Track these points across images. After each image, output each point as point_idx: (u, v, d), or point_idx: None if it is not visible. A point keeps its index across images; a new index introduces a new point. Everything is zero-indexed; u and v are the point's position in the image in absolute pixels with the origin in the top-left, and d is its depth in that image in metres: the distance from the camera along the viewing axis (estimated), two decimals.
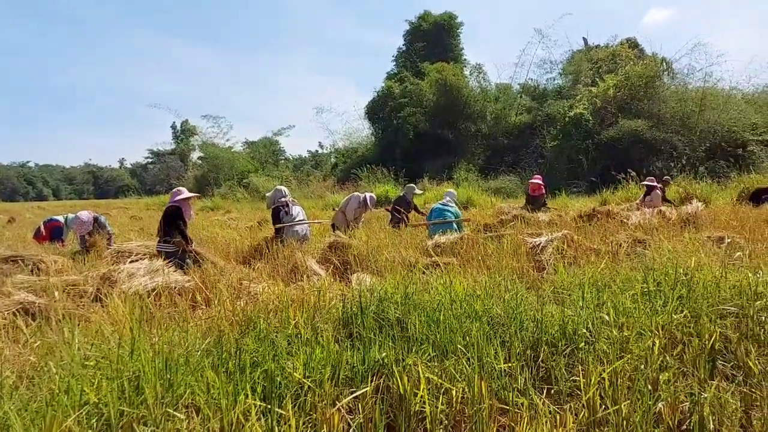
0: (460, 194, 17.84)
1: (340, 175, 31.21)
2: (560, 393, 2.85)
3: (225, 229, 10.99)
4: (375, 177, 25.48)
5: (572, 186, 21.38)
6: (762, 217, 8.54)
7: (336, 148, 39.64)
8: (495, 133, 31.15)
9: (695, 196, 13.34)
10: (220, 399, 2.43)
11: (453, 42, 37.17)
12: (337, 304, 3.61)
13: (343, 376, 2.83)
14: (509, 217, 9.32)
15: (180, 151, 56.27)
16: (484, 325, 3.25)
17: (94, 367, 2.65)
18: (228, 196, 29.01)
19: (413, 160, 29.49)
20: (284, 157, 48.27)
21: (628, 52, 28.90)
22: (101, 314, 3.95)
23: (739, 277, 4.07)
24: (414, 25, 37.50)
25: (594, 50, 32.73)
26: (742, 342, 3.29)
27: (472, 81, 33.44)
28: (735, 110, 23.35)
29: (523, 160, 27.56)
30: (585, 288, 3.88)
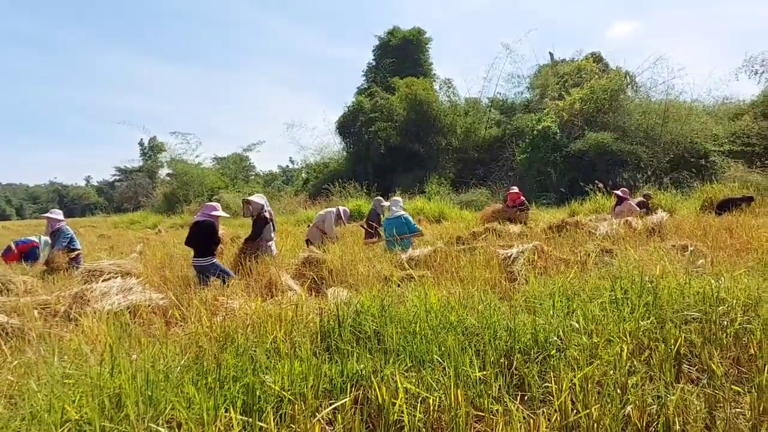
0: (432, 208, 18.03)
1: (312, 191, 31.17)
2: (533, 399, 2.94)
3: None
4: (347, 192, 25.51)
5: (542, 198, 21.72)
6: (724, 225, 8.81)
7: (307, 163, 39.61)
8: (465, 146, 31.48)
9: (660, 206, 13.67)
10: (202, 413, 2.46)
11: (422, 57, 37.56)
12: (315, 318, 3.65)
13: (323, 388, 2.87)
14: (481, 230, 9.45)
15: (148, 168, 55.58)
16: (459, 336, 3.33)
17: (75, 385, 2.65)
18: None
19: (385, 175, 29.65)
20: (255, 173, 48.06)
21: (592, 66, 29.58)
22: (77, 333, 3.92)
23: (702, 284, 4.23)
24: (383, 41, 37.85)
25: (560, 64, 33.41)
26: (705, 346, 3.43)
27: (441, 95, 33.80)
28: (697, 122, 24.04)
29: (493, 173, 27.89)
30: (555, 297, 3.99)
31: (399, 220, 8.88)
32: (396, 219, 8.93)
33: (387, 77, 34.70)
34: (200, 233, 6.90)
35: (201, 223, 6.98)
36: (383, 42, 37.85)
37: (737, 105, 27.85)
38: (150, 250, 10.65)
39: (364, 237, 10.57)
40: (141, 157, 60.46)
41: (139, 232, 21.76)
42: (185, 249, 10.24)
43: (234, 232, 14.23)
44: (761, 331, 3.47)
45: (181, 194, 34.08)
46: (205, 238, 6.88)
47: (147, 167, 56.36)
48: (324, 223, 9.85)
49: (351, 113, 33.63)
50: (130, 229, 24.69)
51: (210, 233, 6.92)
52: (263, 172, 50.08)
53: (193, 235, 6.94)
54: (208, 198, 32.45)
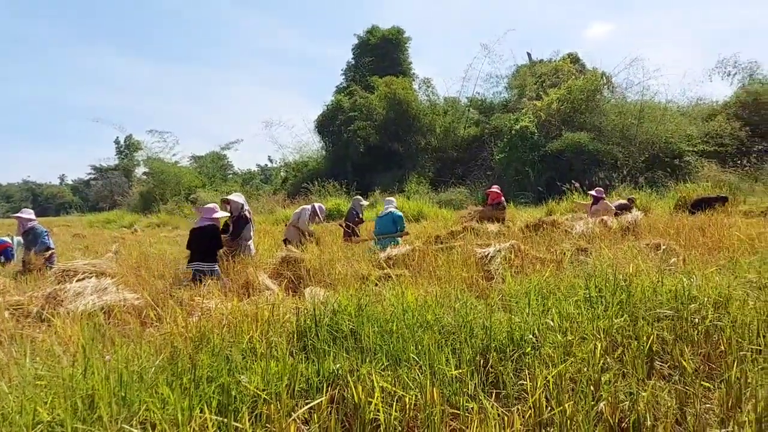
0: (411, 207, 18.07)
1: (291, 189, 31.05)
2: (509, 396, 2.97)
3: (174, 246, 10.81)
4: (326, 191, 25.46)
5: (520, 197, 21.88)
6: (697, 224, 8.96)
7: (286, 162, 39.43)
8: (444, 146, 31.60)
9: (635, 206, 13.87)
10: (176, 414, 2.44)
11: (401, 56, 37.61)
12: (291, 317, 3.65)
13: (299, 387, 2.87)
14: (460, 229, 9.49)
15: (124, 167, 54.83)
16: (435, 334, 3.34)
17: (47, 386, 2.61)
18: (175, 212, 28.45)
19: (364, 174, 29.66)
20: (233, 172, 47.70)
21: (570, 67, 29.87)
22: (49, 334, 3.86)
23: (674, 282, 4.30)
24: (362, 40, 37.81)
25: (538, 65, 33.70)
26: (677, 343, 3.49)
27: (420, 95, 33.91)
28: (671, 122, 24.47)
29: (472, 173, 28.04)
30: (531, 296, 4.03)
31: (389, 218, 8.90)
32: (387, 216, 8.94)
33: (366, 76, 34.69)
34: (204, 238, 6.83)
35: (204, 229, 6.90)
36: (362, 41, 37.82)
37: (711, 106, 28.41)
38: (126, 249, 10.52)
39: (342, 236, 10.57)
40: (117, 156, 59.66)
41: (115, 231, 21.47)
42: (161, 249, 10.18)
43: None
44: (731, 328, 3.55)
45: (157, 193, 33.71)
46: (208, 243, 6.82)
47: (123, 166, 55.60)
48: (299, 221, 9.82)
49: (330, 112, 33.58)
50: (105, 229, 24.37)
51: (214, 238, 6.88)
52: (241, 171, 49.70)
53: (197, 240, 6.84)
54: (185, 197, 32.16)
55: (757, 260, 5.55)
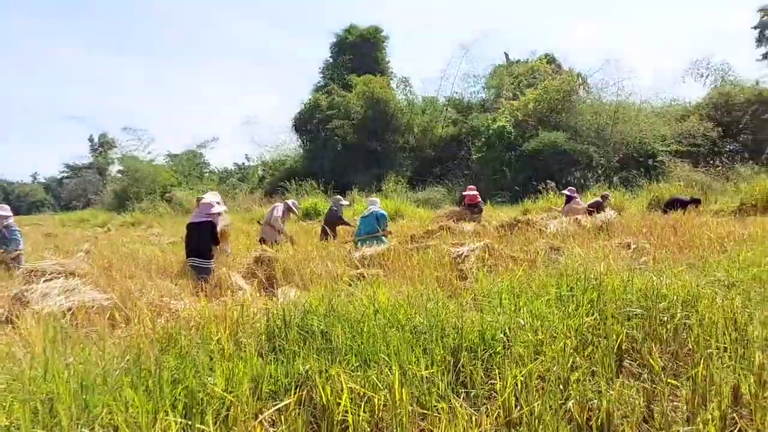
0: (389, 206, 18.04)
1: (268, 188, 30.87)
2: (478, 396, 2.96)
3: (147, 245, 10.66)
4: (303, 189, 25.34)
5: (497, 196, 22.01)
6: (669, 224, 9.10)
7: (263, 160, 39.12)
8: (422, 145, 31.67)
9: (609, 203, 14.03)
10: (139, 417, 2.39)
11: (379, 55, 37.52)
12: (261, 318, 3.60)
13: (268, 389, 2.83)
14: (436, 227, 9.51)
15: (98, 165, 54.01)
16: (406, 334, 3.33)
17: (5, 390, 2.54)
18: (150, 211, 28.08)
19: (342, 172, 29.56)
20: (209, 170, 47.22)
21: (546, 67, 30.11)
22: (12, 336, 3.77)
23: (644, 281, 4.35)
24: (340, 38, 37.64)
25: (514, 65, 33.93)
26: (646, 341, 3.52)
27: (399, 93, 33.94)
28: (645, 123, 24.80)
29: (450, 172, 28.13)
30: (503, 295, 4.04)
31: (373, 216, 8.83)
32: (371, 215, 8.88)
33: (344, 75, 34.58)
34: (203, 235, 6.82)
35: (201, 225, 6.89)
36: (340, 39, 37.65)
37: (684, 106, 28.85)
38: (97, 249, 10.34)
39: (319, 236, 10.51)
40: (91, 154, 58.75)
41: (88, 230, 21.12)
42: (133, 248, 10.02)
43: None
44: (698, 327, 3.59)
45: (132, 192, 33.23)
46: (207, 240, 6.82)
47: (97, 164, 54.79)
48: (271, 219, 9.74)
49: (308, 110, 33.43)
50: (78, 228, 23.93)
51: (210, 234, 6.85)
52: (218, 169, 49.21)
53: (195, 236, 6.85)
54: (160, 195, 31.77)
55: (725, 259, 5.64)
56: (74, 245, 12.31)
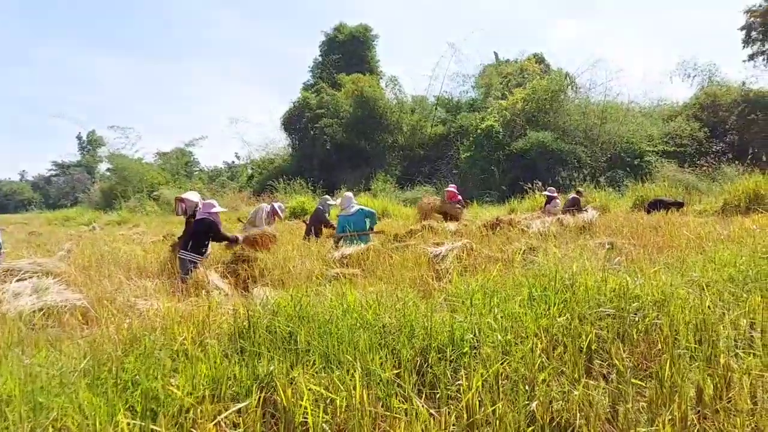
0: (376, 205, 18.02)
1: (256, 187, 30.79)
2: (444, 397, 2.94)
3: (129, 244, 10.58)
4: (292, 188, 25.27)
5: (485, 196, 22.05)
6: (651, 224, 9.13)
7: (252, 159, 39.04)
8: (412, 144, 31.71)
9: (594, 205, 14.07)
10: (95, 419, 2.36)
11: (369, 54, 37.54)
12: (229, 318, 3.57)
13: (231, 391, 2.80)
14: (419, 227, 9.48)
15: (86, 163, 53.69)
16: (373, 335, 3.30)
17: None
18: (137, 210, 27.93)
19: (331, 171, 29.54)
20: (199, 169, 47.01)
21: (534, 67, 30.25)
22: None
23: (618, 281, 4.34)
24: (330, 37, 37.64)
25: (503, 64, 34.03)
26: (615, 342, 3.52)
27: (388, 93, 33.91)
28: (633, 123, 24.99)
29: (439, 171, 28.18)
30: (474, 295, 4.02)
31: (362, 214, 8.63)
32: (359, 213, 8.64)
33: (334, 74, 34.60)
34: (200, 231, 7.10)
35: (201, 221, 7.17)
36: (330, 38, 37.64)
37: (671, 107, 29.11)
38: (79, 248, 10.24)
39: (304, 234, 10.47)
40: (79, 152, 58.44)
41: (73, 229, 20.94)
42: (116, 247, 9.94)
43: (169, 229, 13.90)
44: (668, 327, 3.59)
45: (119, 190, 33.01)
46: (202, 236, 7.09)
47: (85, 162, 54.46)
48: (255, 219, 9.70)
49: (297, 109, 33.40)
50: (64, 226, 23.77)
51: (208, 231, 7.14)
52: (208, 168, 48.99)
53: (193, 232, 7.13)
54: (147, 194, 31.59)
55: (702, 259, 5.65)
56: (57, 244, 12.20)
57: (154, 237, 13.00)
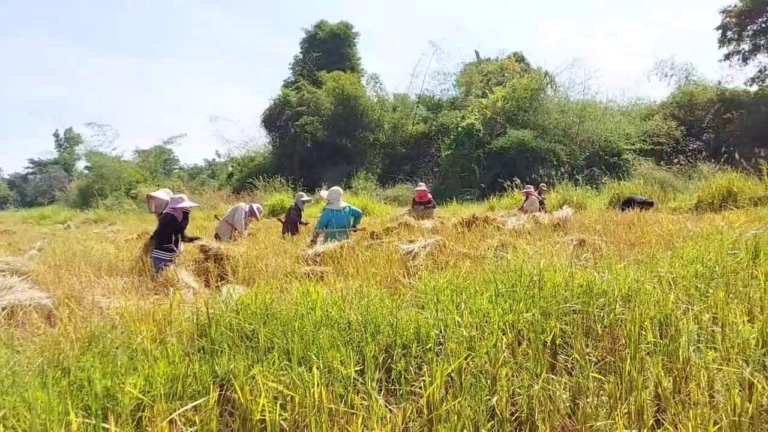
0: (356, 203, 18.01)
1: (236, 185, 30.60)
2: (409, 393, 2.95)
3: (102, 242, 10.45)
4: (272, 186, 25.15)
5: (466, 193, 22.13)
6: (625, 221, 9.22)
7: (232, 156, 38.76)
8: (393, 142, 31.75)
9: (571, 202, 14.20)
10: (46, 419, 2.32)
11: (350, 51, 37.48)
12: (192, 316, 3.54)
13: (191, 389, 2.78)
14: (395, 225, 9.49)
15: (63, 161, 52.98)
16: (337, 332, 3.30)
17: None
18: (114, 208, 27.61)
19: (312, 169, 29.45)
20: (179, 167, 46.61)
21: (514, 66, 30.44)
22: None
23: (586, 277, 4.38)
24: (311, 34, 37.49)
25: (484, 63, 34.17)
26: (580, 337, 3.55)
27: (369, 90, 33.93)
28: (611, 121, 25.25)
29: (420, 169, 28.26)
30: (443, 291, 4.03)
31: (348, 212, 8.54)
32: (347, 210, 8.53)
33: (314, 71, 34.46)
34: (161, 226, 7.03)
35: (163, 217, 7.11)
36: (310, 35, 37.50)
37: (648, 106, 29.51)
38: (51, 246, 10.11)
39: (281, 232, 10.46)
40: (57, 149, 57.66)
41: (48, 227, 20.66)
42: (89, 245, 9.82)
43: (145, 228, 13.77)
44: (631, 322, 3.62)
45: (96, 188, 32.58)
46: (165, 233, 6.90)
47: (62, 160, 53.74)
48: (233, 217, 9.66)
49: (277, 106, 33.23)
50: (39, 225, 23.44)
51: (167, 226, 6.96)
52: (188, 166, 48.59)
53: (159, 227, 7.09)
54: (125, 192, 31.26)
55: (670, 255, 5.72)
56: (29, 243, 12.03)
57: (128, 235, 12.86)
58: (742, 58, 31.21)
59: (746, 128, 25.33)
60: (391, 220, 11.12)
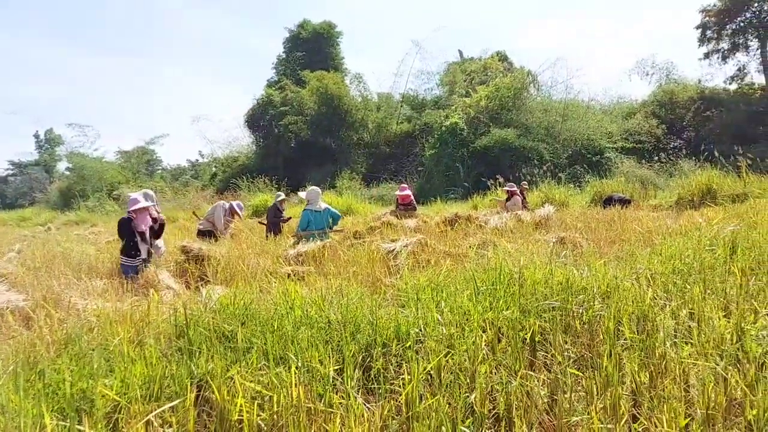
0: (340, 202, 17.99)
1: (220, 185, 30.38)
2: (388, 391, 2.95)
3: (83, 244, 10.34)
4: (256, 186, 25.01)
5: (450, 192, 22.18)
6: (606, 218, 9.30)
7: (215, 157, 38.48)
8: (377, 141, 31.74)
9: (554, 201, 14.29)
10: (20, 422, 2.29)
11: (333, 51, 37.46)
12: (170, 317, 3.51)
13: (169, 390, 2.76)
14: (378, 224, 9.49)
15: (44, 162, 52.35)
16: (317, 332, 3.29)
17: None
18: (96, 209, 27.28)
19: (296, 169, 29.34)
20: (161, 167, 46.25)
21: (497, 65, 30.56)
22: None
23: (565, 274, 4.41)
24: (294, 34, 37.41)
25: (467, 62, 34.28)
26: (559, 333, 3.57)
27: (353, 90, 33.88)
28: (593, 120, 25.45)
29: (404, 168, 28.26)
30: (422, 290, 4.04)
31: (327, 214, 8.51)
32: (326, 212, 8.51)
33: (298, 70, 34.36)
34: (117, 231, 6.78)
35: (119, 220, 6.83)
36: (294, 35, 37.41)
37: (630, 104, 29.79)
38: (31, 249, 9.98)
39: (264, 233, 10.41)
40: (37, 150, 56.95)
41: (28, 230, 20.39)
42: (68, 247, 9.71)
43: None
44: (609, 318, 3.65)
45: (78, 189, 32.19)
46: (120, 236, 6.73)
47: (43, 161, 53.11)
48: (213, 215, 9.61)
49: (261, 106, 33.08)
50: (19, 227, 23.13)
51: (120, 230, 6.74)
52: (171, 167, 48.21)
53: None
54: (107, 193, 30.93)
55: (649, 252, 5.78)
56: (8, 245, 11.87)
57: (110, 237, 12.72)
58: (722, 56, 31.66)
59: (726, 126, 25.65)
60: (374, 219, 11.10)
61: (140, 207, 6.65)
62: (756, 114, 26.42)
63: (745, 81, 31.80)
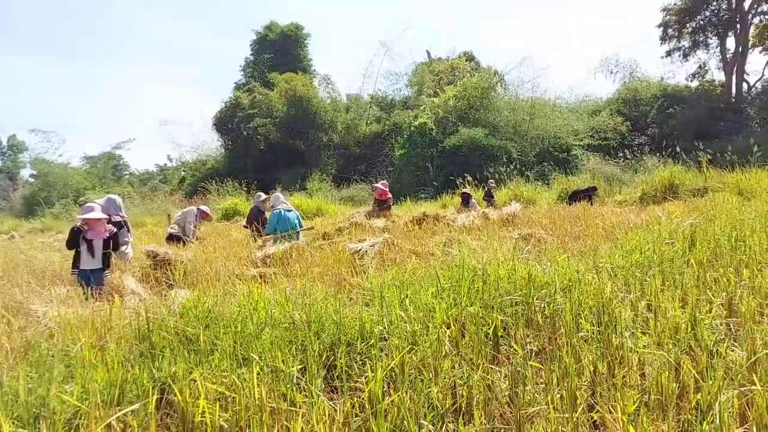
0: (310, 204, 17.93)
1: (189, 189, 30.02)
2: (352, 389, 2.97)
3: (47, 252, 10.14)
4: (225, 189, 24.77)
5: (420, 192, 22.29)
6: (572, 215, 9.46)
7: (183, 161, 37.96)
8: (347, 142, 31.72)
9: (522, 198, 14.49)
10: None
11: (301, 53, 37.30)
12: (132, 322, 3.48)
13: (132, 395, 2.74)
14: (347, 224, 9.50)
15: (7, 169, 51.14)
16: (282, 332, 3.30)
17: None
18: (62, 216, 26.72)
19: (266, 171, 29.14)
20: (129, 172, 45.52)
21: (465, 65, 30.82)
22: None
23: (528, 270, 4.48)
24: (261, 35, 37.14)
25: (436, 63, 34.50)
26: (521, 328, 3.64)
27: (321, 91, 33.84)
28: (560, 118, 25.85)
29: (374, 169, 28.29)
30: (387, 288, 4.07)
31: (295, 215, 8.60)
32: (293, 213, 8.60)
33: (265, 73, 34.14)
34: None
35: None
36: (261, 37, 37.15)
37: (595, 102, 30.28)
38: None
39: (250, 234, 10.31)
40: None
41: None
42: (32, 255, 9.52)
43: None
44: (570, 312, 3.73)
45: (42, 196, 31.51)
46: (68, 247, 6.59)
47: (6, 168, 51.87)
48: (184, 221, 9.53)
49: (229, 109, 32.75)
50: None
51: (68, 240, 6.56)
52: (139, 171, 47.47)
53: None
54: (73, 200, 30.34)
55: (612, 247, 5.90)
56: None
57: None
58: (683, 54, 32.42)
59: (688, 122, 26.27)
60: (344, 220, 11.12)
61: (92, 217, 6.49)
62: (716, 110, 27.16)
63: (705, 78, 32.64)
